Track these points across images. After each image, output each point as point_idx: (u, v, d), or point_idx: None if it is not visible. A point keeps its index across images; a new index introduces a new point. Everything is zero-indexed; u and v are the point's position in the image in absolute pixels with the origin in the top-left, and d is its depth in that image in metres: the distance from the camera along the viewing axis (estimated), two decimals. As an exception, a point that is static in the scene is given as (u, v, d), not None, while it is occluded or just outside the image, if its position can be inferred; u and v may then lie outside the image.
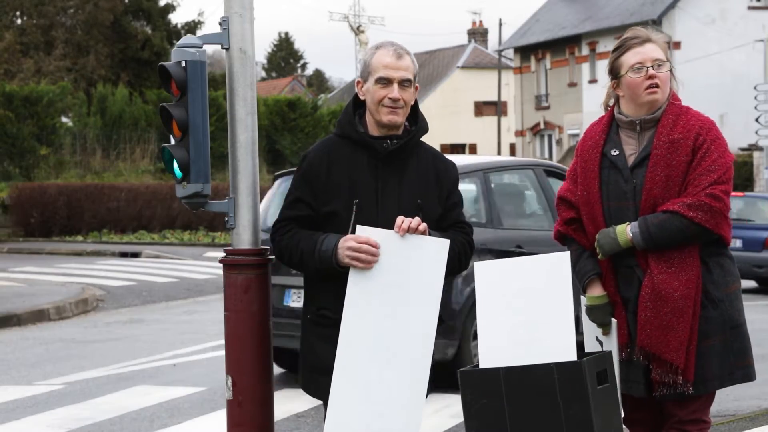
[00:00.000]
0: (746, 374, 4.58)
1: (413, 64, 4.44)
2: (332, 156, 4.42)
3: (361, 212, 4.33)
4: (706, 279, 4.48)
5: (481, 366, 4.33)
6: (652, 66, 4.50)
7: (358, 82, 4.49)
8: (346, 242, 4.25)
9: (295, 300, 9.52)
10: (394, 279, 4.20)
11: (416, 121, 4.51)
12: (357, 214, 4.32)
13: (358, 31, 52.78)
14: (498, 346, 4.30)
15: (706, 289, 4.48)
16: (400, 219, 4.28)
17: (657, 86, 4.50)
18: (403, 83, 4.38)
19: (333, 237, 4.29)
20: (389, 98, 4.35)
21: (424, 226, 4.29)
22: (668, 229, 4.40)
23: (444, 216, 4.47)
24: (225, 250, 5.06)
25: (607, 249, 4.50)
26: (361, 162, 4.40)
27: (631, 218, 4.50)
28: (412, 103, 4.46)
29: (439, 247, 4.24)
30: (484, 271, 4.40)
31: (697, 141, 4.45)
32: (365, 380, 4.18)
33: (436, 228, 4.42)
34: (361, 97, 4.48)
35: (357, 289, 4.18)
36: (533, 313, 4.28)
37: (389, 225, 4.28)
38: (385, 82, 4.36)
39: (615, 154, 4.57)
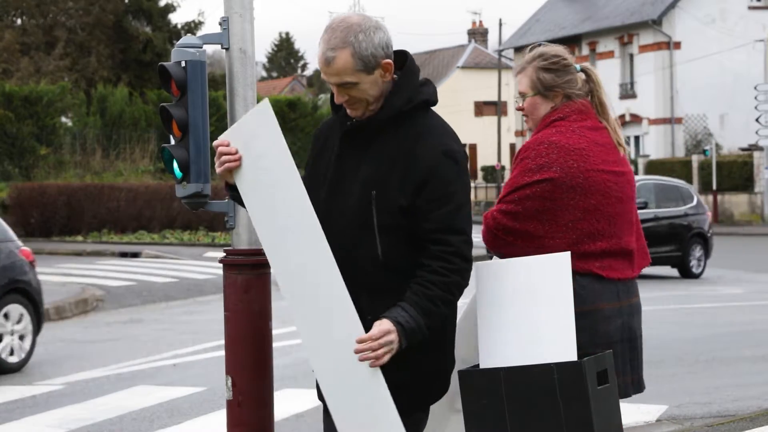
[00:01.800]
0: None
1: (352, 60, 3.65)
2: (325, 132, 3.93)
3: (310, 191, 3.77)
4: None
5: (481, 366, 4.33)
6: (517, 100, 4.69)
7: None
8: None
9: None
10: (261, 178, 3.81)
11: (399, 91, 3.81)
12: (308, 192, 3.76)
13: (358, 31, 52.74)
14: (498, 346, 4.30)
15: None
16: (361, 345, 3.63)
17: (526, 116, 4.66)
18: (344, 86, 3.70)
19: None
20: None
21: (377, 354, 3.61)
22: None
23: (418, 216, 3.69)
24: (225, 250, 5.06)
25: None
26: (333, 140, 3.86)
27: None
28: (368, 93, 3.72)
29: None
30: (484, 271, 4.40)
31: (515, 159, 4.56)
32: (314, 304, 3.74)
33: (411, 237, 3.72)
34: None
35: (252, 201, 3.85)
36: (533, 313, 4.28)
37: (332, 214, 3.77)
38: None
39: None
